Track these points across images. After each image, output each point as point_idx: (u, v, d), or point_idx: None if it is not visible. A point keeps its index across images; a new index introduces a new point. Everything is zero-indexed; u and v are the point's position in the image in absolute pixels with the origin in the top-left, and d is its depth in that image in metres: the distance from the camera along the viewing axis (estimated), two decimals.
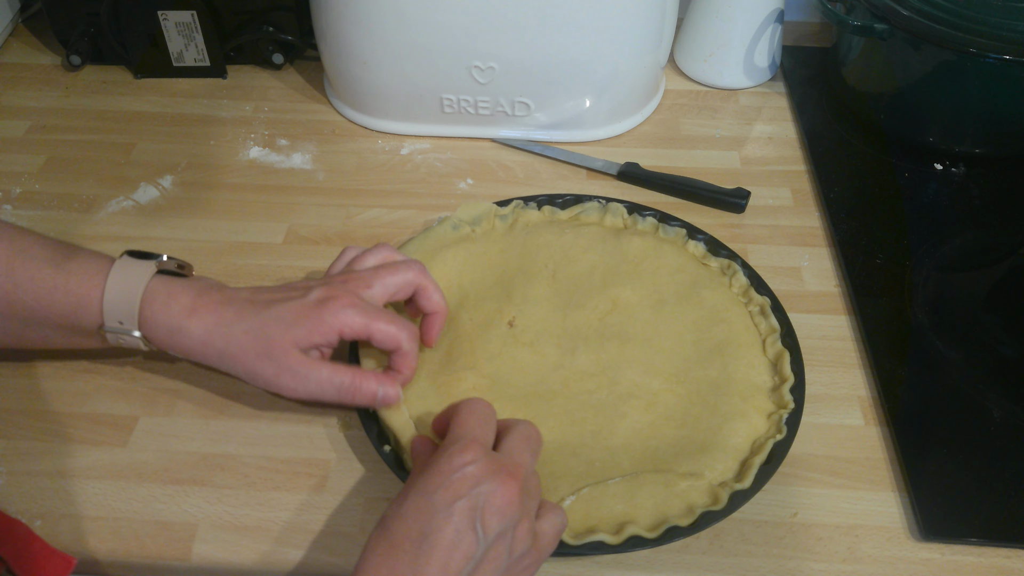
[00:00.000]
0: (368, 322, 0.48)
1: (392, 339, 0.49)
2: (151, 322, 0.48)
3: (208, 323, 0.48)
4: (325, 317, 0.47)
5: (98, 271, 0.49)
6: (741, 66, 0.81)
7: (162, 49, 0.79)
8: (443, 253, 0.61)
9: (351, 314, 0.48)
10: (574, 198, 0.67)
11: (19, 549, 0.42)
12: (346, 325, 0.48)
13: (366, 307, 0.49)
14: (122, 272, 0.49)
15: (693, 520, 0.47)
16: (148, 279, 0.49)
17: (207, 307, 0.48)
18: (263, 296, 0.49)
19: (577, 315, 0.59)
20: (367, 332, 0.49)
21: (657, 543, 0.46)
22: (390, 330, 0.49)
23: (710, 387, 0.54)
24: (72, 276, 0.48)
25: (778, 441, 0.51)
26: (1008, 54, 0.65)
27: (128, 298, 0.48)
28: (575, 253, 0.62)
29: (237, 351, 0.48)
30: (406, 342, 0.50)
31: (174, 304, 0.48)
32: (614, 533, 0.46)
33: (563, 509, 0.45)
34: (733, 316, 0.58)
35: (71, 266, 0.49)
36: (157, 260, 0.50)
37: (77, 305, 0.48)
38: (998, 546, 0.49)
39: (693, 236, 0.64)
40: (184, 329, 0.48)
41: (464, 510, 0.39)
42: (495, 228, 0.64)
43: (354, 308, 0.48)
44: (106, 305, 0.48)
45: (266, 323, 0.48)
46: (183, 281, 0.50)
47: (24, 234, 0.50)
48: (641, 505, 0.48)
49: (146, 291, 0.48)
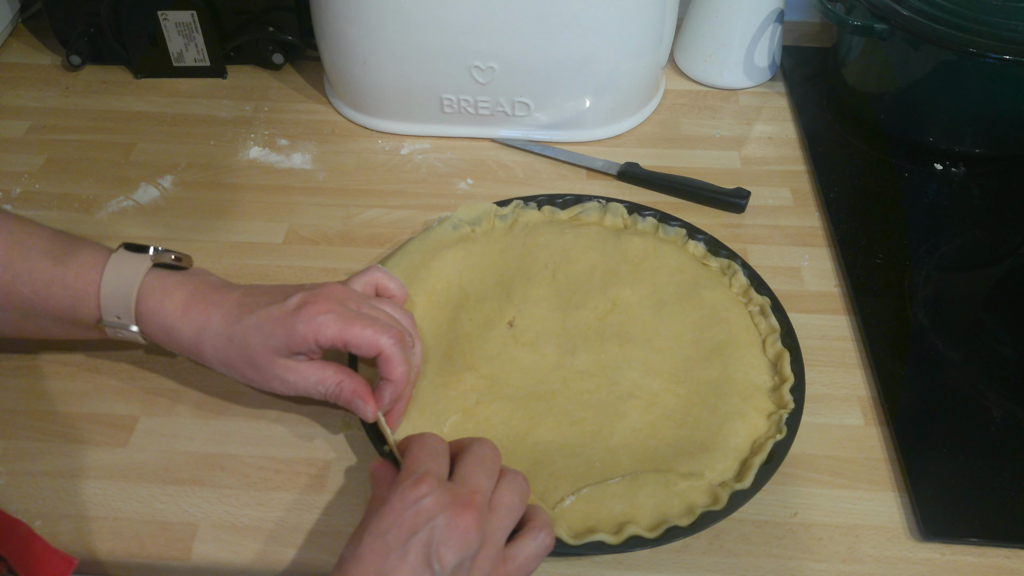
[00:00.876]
0: (343, 328, 0.46)
1: (370, 345, 0.47)
2: (146, 319, 0.48)
3: (198, 325, 0.48)
4: (298, 326, 0.46)
5: (95, 265, 0.48)
6: (741, 66, 0.81)
7: (162, 49, 0.79)
8: (443, 253, 0.61)
9: (325, 321, 0.46)
10: (574, 198, 0.67)
11: (20, 549, 0.42)
12: (320, 333, 0.46)
13: (343, 313, 0.47)
14: (118, 266, 0.48)
15: (693, 520, 0.47)
16: (143, 274, 0.48)
17: (197, 308, 0.48)
18: (249, 299, 0.48)
19: (577, 315, 0.59)
20: (342, 340, 0.47)
21: (657, 543, 0.46)
22: (366, 335, 0.47)
23: (710, 387, 0.54)
24: (70, 269, 0.48)
25: (778, 441, 0.51)
26: (1008, 54, 0.65)
27: (124, 293, 0.48)
28: (575, 253, 0.62)
29: (224, 358, 0.48)
30: (388, 347, 0.47)
31: (168, 302, 0.48)
32: (614, 533, 0.46)
33: (548, 530, 0.44)
34: (733, 316, 0.58)
35: (69, 259, 0.48)
36: (152, 254, 0.49)
37: (75, 299, 0.48)
38: (998, 546, 0.49)
39: (693, 236, 0.64)
40: (176, 329, 0.48)
41: (418, 547, 0.38)
42: (495, 228, 0.64)
43: (329, 314, 0.46)
44: (103, 300, 0.48)
45: (247, 332, 0.47)
46: (178, 277, 0.49)
47: (23, 224, 0.50)
48: (641, 505, 0.48)
49: (141, 287, 0.48)
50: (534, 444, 0.52)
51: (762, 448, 0.50)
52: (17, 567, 0.41)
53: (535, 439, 0.52)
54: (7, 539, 0.41)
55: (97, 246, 0.50)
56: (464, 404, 0.54)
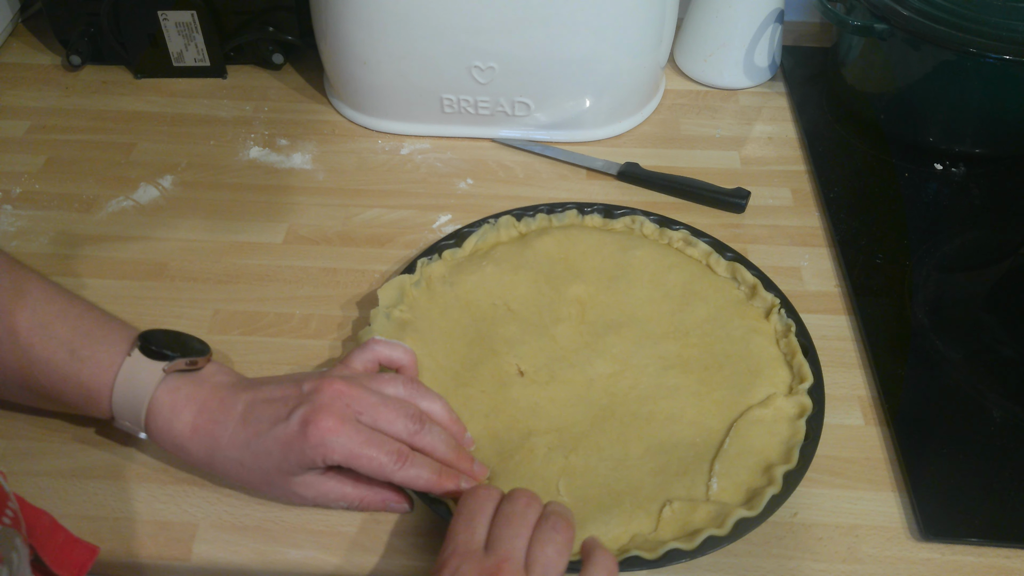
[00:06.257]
0: (347, 457, 0.45)
1: (378, 469, 0.46)
2: (156, 435, 0.48)
3: (207, 447, 0.47)
4: (307, 451, 0.45)
5: (109, 366, 0.48)
6: (741, 66, 0.81)
7: (162, 49, 0.79)
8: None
9: (331, 445, 0.45)
10: (463, 231, 0.64)
11: (45, 538, 0.43)
12: (327, 457, 0.45)
13: (352, 430, 0.45)
14: (131, 374, 0.48)
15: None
16: (154, 388, 0.47)
17: (205, 429, 0.47)
18: (253, 415, 0.47)
19: (560, 330, 0.58)
20: (349, 464, 0.46)
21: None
22: (374, 458, 0.45)
23: (707, 322, 0.58)
24: (84, 366, 0.47)
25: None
26: (1008, 54, 0.65)
27: (134, 406, 0.47)
28: (507, 281, 0.61)
29: (238, 479, 0.48)
30: (395, 474, 0.46)
31: (176, 423, 0.47)
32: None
33: (610, 556, 0.43)
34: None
35: (85, 353, 0.48)
36: (164, 365, 0.48)
37: (87, 398, 0.48)
38: (998, 546, 0.49)
39: (581, 211, 0.66)
40: (187, 450, 0.48)
41: None
42: (417, 298, 0.60)
43: (335, 439, 0.45)
44: (115, 407, 0.48)
45: (258, 458, 0.47)
46: (189, 389, 0.48)
47: (50, 300, 0.49)
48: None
49: (152, 402, 0.47)
50: (638, 458, 0.51)
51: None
52: (43, 555, 0.42)
53: (628, 453, 0.52)
54: (33, 529, 0.42)
55: (117, 338, 0.49)
56: (554, 467, 0.51)
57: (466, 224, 0.65)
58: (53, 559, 0.42)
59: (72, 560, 0.43)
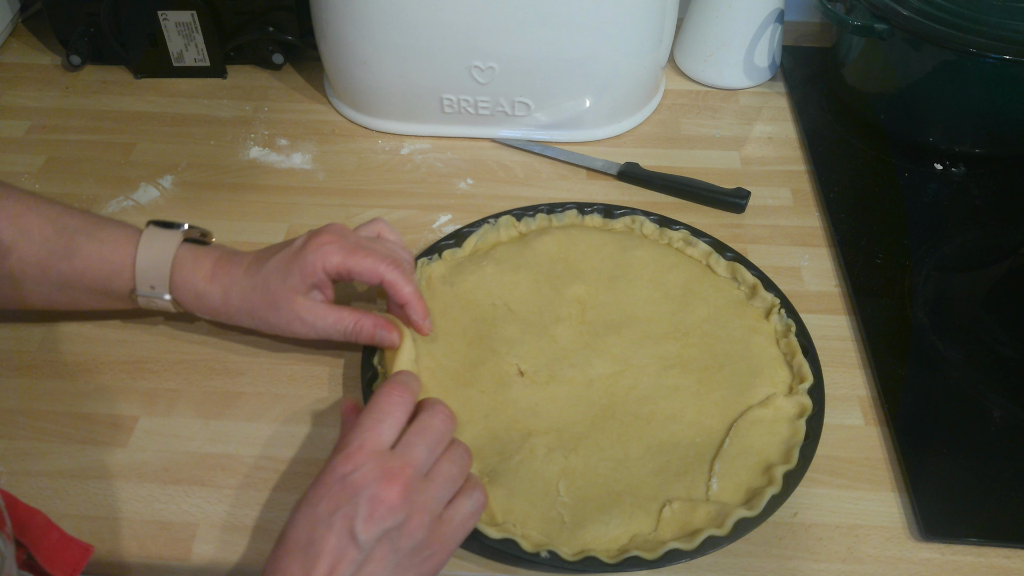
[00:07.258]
0: (345, 257, 0.52)
1: (371, 272, 0.52)
2: (180, 287, 0.53)
3: (224, 285, 0.53)
4: (307, 257, 0.52)
5: (128, 240, 0.53)
6: (741, 66, 0.81)
7: (162, 49, 0.79)
8: (403, 347, 0.55)
9: (329, 250, 0.52)
10: (463, 231, 0.64)
11: (38, 538, 0.43)
12: (326, 260, 0.52)
13: (345, 245, 0.52)
14: (151, 240, 0.53)
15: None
16: (176, 247, 0.53)
17: (223, 270, 0.53)
18: (266, 252, 0.54)
19: (560, 330, 0.58)
20: (346, 267, 0.52)
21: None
22: (367, 263, 0.52)
23: (707, 323, 0.58)
24: (105, 244, 0.53)
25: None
26: (1008, 54, 0.65)
27: (159, 265, 0.53)
28: (507, 281, 0.61)
29: (250, 306, 0.53)
30: (388, 272, 0.52)
31: (199, 270, 0.53)
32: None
33: (480, 489, 0.45)
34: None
35: (102, 234, 0.53)
36: (182, 229, 0.54)
37: (111, 272, 0.53)
38: (998, 546, 0.49)
39: (581, 211, 0.66)
40: (207, 293, 0.53)
41: (343, 519, 0.40)
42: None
43: (332, 245, 0.52)
44: (138, 271, 0.53)
45: (267, 277, 0.53)
46: (205, 248, 0.55)
47: (52, 205, 0.53)
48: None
49: (175, 258, 0.53)
50: (638, 458, 0.51)
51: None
52: (36, 555, 0.42)
53: (628, 453, 0.52)
54: (26, 528, 0.42)
55: (123, 223, 0.54)
56: (554, 467, 0.51)
57: (466, 224, 0.65)
58: (46, 558, 0.42)
59: (66, 559, 0.43)
